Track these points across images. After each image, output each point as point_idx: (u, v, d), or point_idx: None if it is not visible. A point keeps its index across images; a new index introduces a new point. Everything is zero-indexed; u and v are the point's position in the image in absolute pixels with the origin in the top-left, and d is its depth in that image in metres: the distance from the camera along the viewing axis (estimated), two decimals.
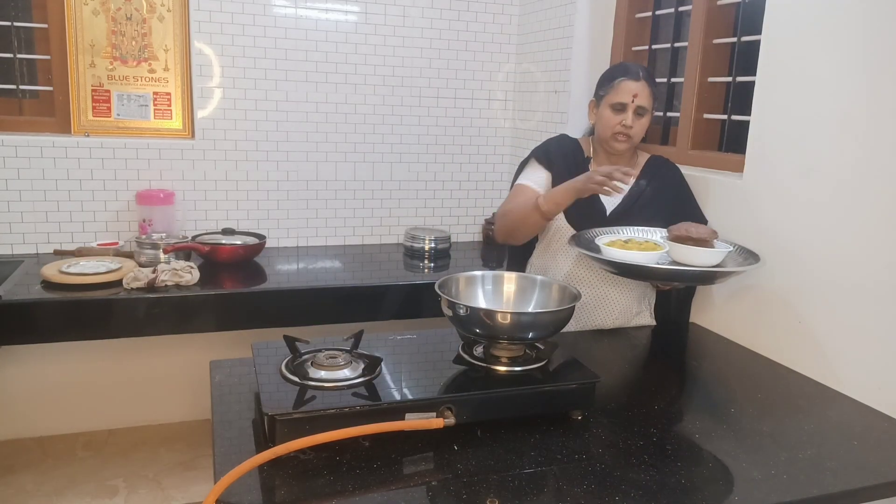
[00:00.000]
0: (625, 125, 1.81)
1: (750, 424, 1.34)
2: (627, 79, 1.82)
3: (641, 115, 1.83)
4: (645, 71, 1.85)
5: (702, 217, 1.94)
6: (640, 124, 1.84)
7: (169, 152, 2.64)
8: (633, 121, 1.81)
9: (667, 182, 1.94)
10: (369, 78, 2.85)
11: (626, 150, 1.89)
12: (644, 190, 1.89)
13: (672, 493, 1.08)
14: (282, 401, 1.16)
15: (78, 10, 2.50)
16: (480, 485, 1.07)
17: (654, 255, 1.62)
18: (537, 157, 1.94)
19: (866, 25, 1.51)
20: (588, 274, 1.87)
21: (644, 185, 1.90)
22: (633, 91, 1.80)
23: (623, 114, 1.82)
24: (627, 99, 1.81)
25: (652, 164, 1.95)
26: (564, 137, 2.01)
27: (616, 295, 1.88)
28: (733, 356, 1.78)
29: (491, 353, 1.37)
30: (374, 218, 2.98)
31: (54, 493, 2.40)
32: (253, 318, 2.24)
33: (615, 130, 1.83)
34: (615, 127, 1.83)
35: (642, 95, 1.81)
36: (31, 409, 2.68)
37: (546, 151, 1.94)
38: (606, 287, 1.87)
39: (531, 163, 1.95)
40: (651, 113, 1.86)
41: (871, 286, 1.50)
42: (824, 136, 1.61)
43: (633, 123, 1.81)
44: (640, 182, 1.91)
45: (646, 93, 1.82)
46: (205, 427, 2.81)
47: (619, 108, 1.82)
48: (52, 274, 2.14)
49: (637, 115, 1.82)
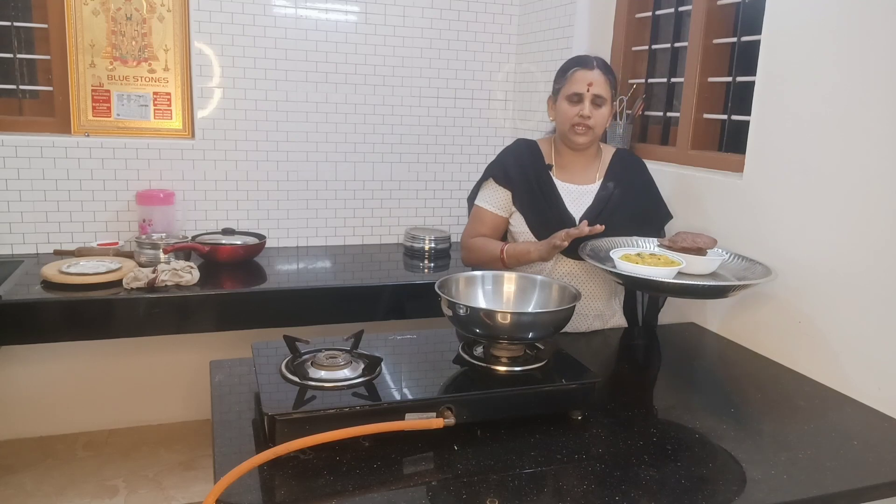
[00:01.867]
0: (582, 115, 1.75)
1: (750, 424, 1.34)
2: (581, 68, 1.77)
3: (599, 105, 1.77)
4: (599, 60, 1.80)
5: (667, 212, 1.92)
6: (598, 114, 1.77)
7: (169, 152, 2.64)
8: (590, 110, 1.75)
9: (634, 180, 1.89)
10: (369, 78, 2.85)
11: (588, 144, 1.81)
12: (612, 193, 1.84)
13: (672, 493, 1.08)
14: (282, 401, 1.16)
15: (78, 10, 2.50)
16: (480, 485, 1.07)
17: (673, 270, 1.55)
18: (495, 176, 1.86)
19: (866, 25, 1.51)
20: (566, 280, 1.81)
21: (612, 187, 1.84)
22: (587, 80, 1.75)
23: (580, 104, 1.76)
24: (582, 89, 1.75)
25: (618, 161, 1.90)
26: (521, 145, 1.92)
27: (589, 302, 1.85)
28: (733, 356, 1.78)
29: (491, 353, 1.37)
30: (374, 218, 2.98)
31: (54, 493, 2.40)
32: (253, 318, 2.24)
33: (573, 122, 1.77)
34: (573, 119, 1.77)
35: (598, 84, 1.75)
36: (31, 409, 2.68)
37: (504, 169, 1.86)
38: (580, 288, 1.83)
39: (488, 183, 1.88)
40: (611, 104, 1.80)
41: (870, 286, 1.50)
42: (824, 136, 1.61)
43: (591, 113, 1.75)
44: (608, 185, 1.85)
45: (601, 81, 1.76)
46: (205, 427, 2.81)
47: (576, 99, 1.77)
48: (52, 274, 2.14)
49: (595, 105, 1.76)
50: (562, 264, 1.82)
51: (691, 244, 1.63)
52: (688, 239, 1.65)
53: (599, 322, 1.90)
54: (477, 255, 1.86)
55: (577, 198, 1.84)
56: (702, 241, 1.64)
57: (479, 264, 1.84)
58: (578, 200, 1.84)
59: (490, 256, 1.81)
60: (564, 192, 1.84)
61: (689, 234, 1.68)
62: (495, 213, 1.86)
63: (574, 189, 1.85)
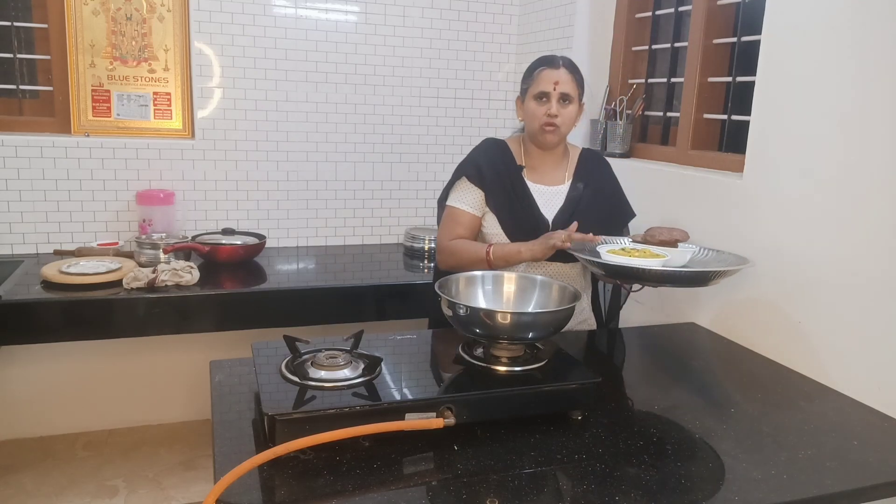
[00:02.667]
0: (550, 114, 1.75)
1: (750, 424, 1.34)
2: (547, 68, 1.77)
3: (566, 103, 1.76)
4: (566, 59, 1.80)
5: (631, 210, 1.92)
6: (566, 113, 1.76)
7: (169, 152, 2.64)
8: (557, 109, 1.75)
9: (602, 178, 1.90)
10: (369, 78, 2.85)
11: (556, 142, 1.80)
12: (582, 193, 1.83)
13: (672, 493, 1.08)
14: (282, 401, 1.16)
15: (78, 10, 2.50)
16: (480, 485, 1.07)
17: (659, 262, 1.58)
18: (468, 175, 1.84)
19: (866, 25, 1.51)
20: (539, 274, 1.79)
21: (581, 187, 1.84)
22: (553, 79, 1.75)
23: (547, 103, 1.75)
24: (549, 87, 1.75)
25: (585, 161, 1.90)
26: (491, 145, 1.91)
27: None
28: (733, 356, 1.78)
29: (491, 353, 1.37)
30: (374, 218, 2.98)
31: (54, 493, 2.40)
32: (253, 318, 2.24)
33: (542, 122, 1.76)
34: (541, 118, 1.75)
35: (564, 82, 1.75)
36: (31, 409, 2.68)
37: (477, 168, 1.84)
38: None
39: (461, 182, 1.86)
40: (579, 103, 1.79)
41: (870, 286, 1.50)
42: (824, 136, 1.61)
43: (558, 112, 1.74)
44: (577, 185, 1.84)
45: (567, 79, 1.75)
46: (205, 427, 2.81)
47: (542, 98, 1.76)
48: (52, 274, 2.14)
49: (562, 103, 1.75)
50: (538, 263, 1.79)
51: (668, 237, 1.65)
52: (664, 232, 1.67)
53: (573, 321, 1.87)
54: (458, 258, 1.81)
55: (549, 199, 1.84)
56: (677, 233, 1.66)
57: (462, 267, 1.77)
58: (550, 201, 1.83)
59: (474, 258, 1.77)
60: (536, 193, 1.83)
61: (662, 228, 1.69)
62: (471, 212, 1.83)
63: (545, 190, 1.84)
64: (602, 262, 1.57)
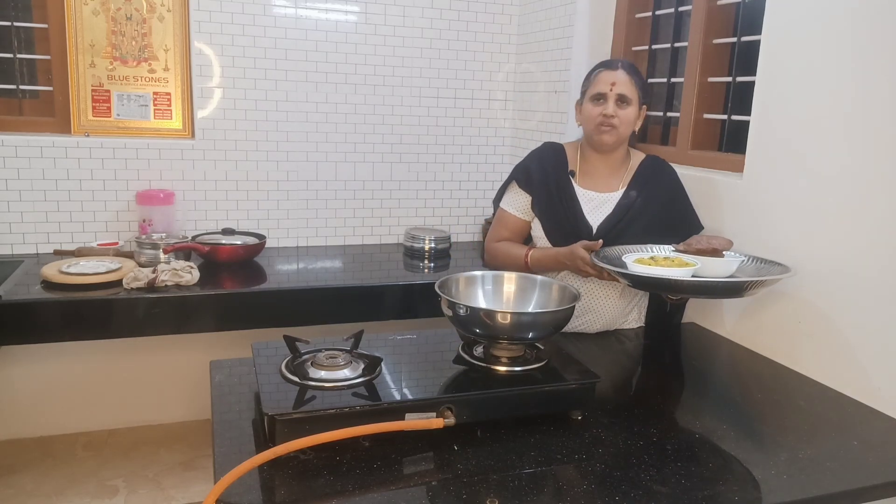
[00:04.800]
0: (606, 114, 1.75)
1: (750, 424, 1.34)
2: (605, 69, 1.80)
3: (624, 104, 1.76)
4: (624, 62, 1.81)
5: (697, 221, 1.88)
6: (624, 114, 1.76)
7: (169, 152, 2.64)
8: (614, 110, 1.75)
9: (661, 187, 1.85)
10: (369, 78, 2.84)
11: (614, 144, 1.79)
12: (634, 202, 1.80)
13: (672, 493, 1.08)
14: (282, 401, 1.16)
15: (78, 10, 2.50)
16: (480, 485, 1.07)
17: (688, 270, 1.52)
18: (517, 179, 1.89)
19: (866, 25, 1.51)
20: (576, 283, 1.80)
21: (634, 195, 1.81)
22: (610, 80, 1.76)
23: (604, 104, 1.76)
24: (606, 88, 1.76)
25: (645, 168, 1.86)
26: (548, 149, 1.92)
27: (603, 305, 1.84)
28: (733, 356, 1.78)
29: (491, 353, 1.37)
30: (374, 218, 2.98)
31: (54, 493, 2.40)
32: (253, 318, 2.24)
33: (597, 122, 1.76)
34: (597, 118, 1.76)
35: (621, 83, 1.75)
36: (31, 409, 2.68)
37: (527, 173, 1.87)
38: (593, 298, 1.83)
39: (512, 186, 1.91)
40: (638, 105, 1.79)
41: (870, 286, 1.50)
42: (824, 136, 1.61)
43: (614, 112, 1.75)
44: (630, 193, 1.82)
45: (625, 80, 1.76)
46: (205, 427, 2.81)
47: (600, 99, 1.77)
48: (52, 274, 2.14)
49: (619, 104, 1.76)
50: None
51: (706, 246, 1.61)
52: (702, 241, 1.63)
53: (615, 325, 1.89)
54: (499, 261, 1.88)
55: (598, 206, 1.82)
56: (717, 242, 1.61)
57: (503, 267, 1.83)
58: (599, 208, 1.81)
59: (513, 261, 1.83)
60: (584, 199, 1.82)
61: (703, 236, 1.67)
62: (518, 216, 1.88)
63: (595, 196, 1.83)
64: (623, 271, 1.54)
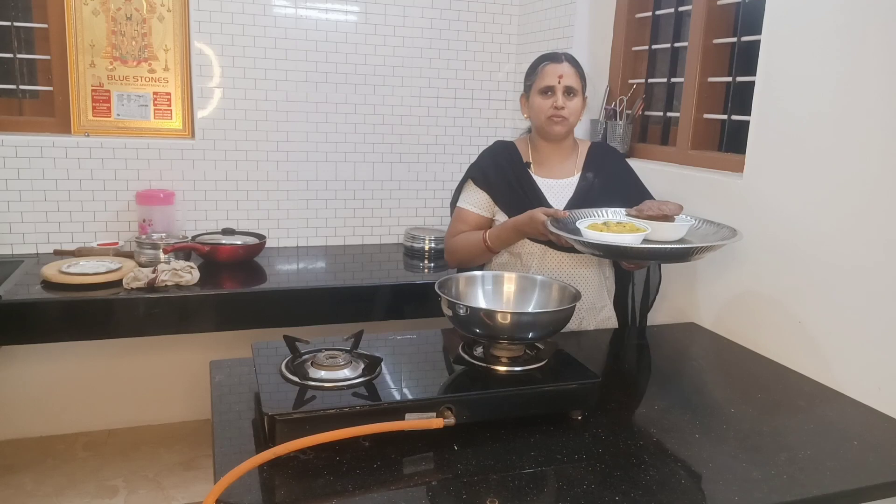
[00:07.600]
0: (556, 106, 1.80)
1: (750, 424, 1.34)
2: (550, 62, 1.82)
3: (571, 96, 1.81)
4: (567, 55, 1.85)
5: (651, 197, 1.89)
6: (572, 105, 1.81)
7: (169, 152, 2.64)
8: (563, 101, 1.80)
9: (613, 169, 1.92)
10: (369, 78, 2.84)
11: (564, 134, 1.85)
12: (592, 183, 1.87)
13: (672, 493, 1.08)
14: (282, 401, 1.16)
15: (78, 10, 2.50)
16: (480, 485, 1.07)
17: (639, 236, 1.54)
18: (473, 178, 1.91)
19: (866, 25, 1.51)
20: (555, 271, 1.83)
21: (591, 177, 1.88)
22: (557, 73, 1.80)
23: (553, 97, 1.80)
24: (553, 81, 1.80)
25: (595, 152, 1.93)
26: (499, 146, 1.96)
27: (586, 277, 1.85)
28: (733, 356, 1.78)
29: (491, 353, 1.37)
30: (374, 218, 2.98)
31: (54, 493, 2.40)
32: (253, 318, 2.24)
33: (549, 114, 1.81)
34: (548, 111, 1.81)
35: (567, 76, 1.80)
36: (31, 409, 2.68)
37: (482, 171, 1.90)
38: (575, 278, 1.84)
39: (468, 184, 1.92)
40: (583, 96, 1.85)
41: (870, 286, 1.50)
42: (824, 136, 1.61)
43: (564, 104, 1.80)
44: (587, 175, 1.88)
45: (571, 73, 1.81)
46: (205, 427, 2.81)
47: (548, 92, 1.81)
48: (52, 274, 2.14)
49: (567, 96, 1.80)
50: (550, 255, 1.82)
51: (657, 212, 1.64)
52: (654, 207, 1.66)
53: (591, 316, 1.90)
54: (460, 254, 1.90)
55: (559, 192, 1.86)
56: (667, 208, 1.64)
57: (465, 259, 1.88)
58: (560, 194, 1.86)
59: (474, 247, 1.85)
60: (545, 187, 1.86)
61: (655, 202, 1.69)
62: (476, 212, 1.90)
63: (554, 184, 1.88)
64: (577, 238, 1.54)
